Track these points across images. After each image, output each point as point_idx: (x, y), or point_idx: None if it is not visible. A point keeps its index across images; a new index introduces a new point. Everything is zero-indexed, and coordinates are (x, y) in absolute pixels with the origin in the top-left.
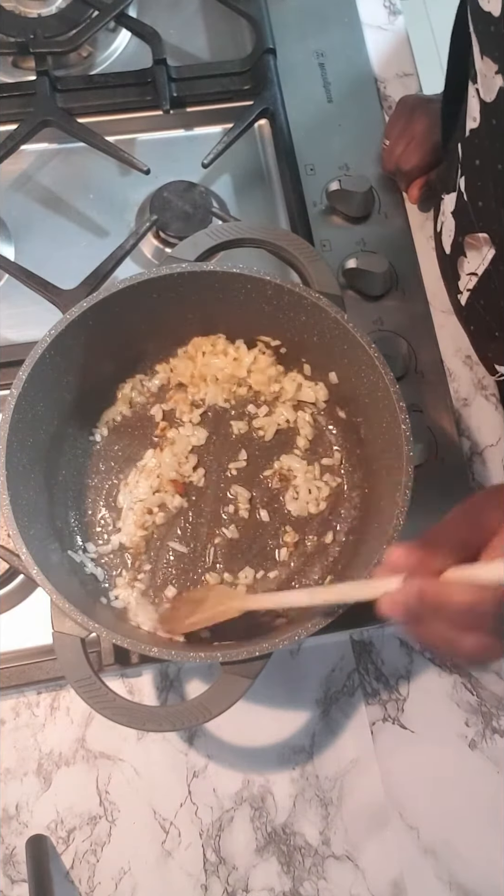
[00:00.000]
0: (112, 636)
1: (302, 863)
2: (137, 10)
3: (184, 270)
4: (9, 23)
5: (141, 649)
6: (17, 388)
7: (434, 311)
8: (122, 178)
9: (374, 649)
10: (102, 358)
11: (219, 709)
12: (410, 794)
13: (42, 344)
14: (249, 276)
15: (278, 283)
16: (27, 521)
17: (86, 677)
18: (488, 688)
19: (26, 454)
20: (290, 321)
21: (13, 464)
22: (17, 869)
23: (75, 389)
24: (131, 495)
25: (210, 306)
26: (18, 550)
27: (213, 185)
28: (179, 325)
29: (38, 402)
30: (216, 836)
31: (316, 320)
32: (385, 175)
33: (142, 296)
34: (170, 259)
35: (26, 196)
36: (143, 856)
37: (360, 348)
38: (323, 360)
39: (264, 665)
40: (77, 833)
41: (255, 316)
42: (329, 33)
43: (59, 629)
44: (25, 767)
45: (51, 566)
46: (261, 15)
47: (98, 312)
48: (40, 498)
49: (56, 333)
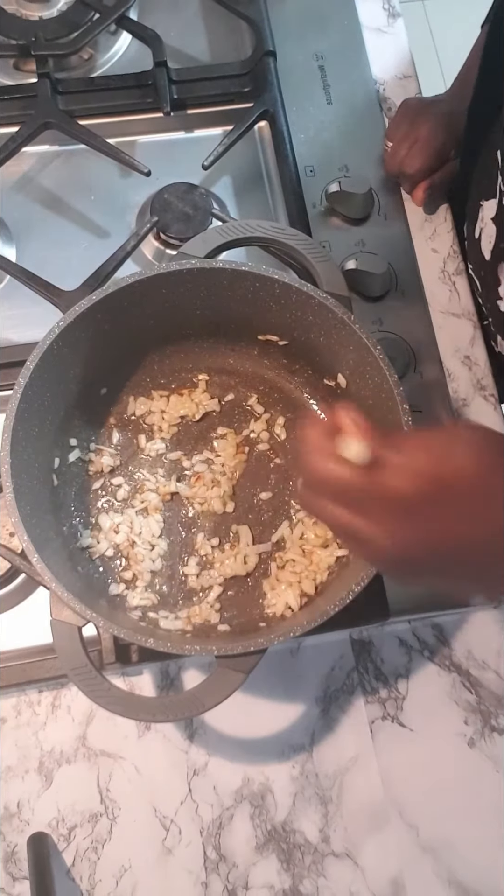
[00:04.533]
0: (108, 626)
1: (301, 860)
2: (138, 12)
3: (193, 266)
4: (10, 25)
5: (137, 640)
6: (24, 377)
7: (433, 311)
8: (122, 179)
9: (374, 648)
10: (111, 350)
11: (213, 701)
12: (410, 792)
13: (51, 335)
14: (258, 275)
15: (286, 282)
16: (30, 510)
17: (82, 666)
18: (487, 686)
19: (31, 444)
20: (297, 320)
21: (17, 453)
22: (18, 866)
23: (82, 382)
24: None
25: (218, 303)
26: (20, 538)
27: (213, 186)
28: (187, 321)
29: (44, 392)
30: (216, 833)
31: (323, 320)
32: (385, 177)
33: (150, 291)
34: (180, 255)
35: (27, 198)
36: (144, 853)
37: (365, 349)
38: (329, 361)
39: (259, 660)
40: (78, 831)
41: (263, 314)
42: (329, 36)
43: (56, 617)
44: (27, 765)
45: (51, 556)
46: (261, 17)
47: (106, 306)
48: (44, 488)
49: (65, 325)
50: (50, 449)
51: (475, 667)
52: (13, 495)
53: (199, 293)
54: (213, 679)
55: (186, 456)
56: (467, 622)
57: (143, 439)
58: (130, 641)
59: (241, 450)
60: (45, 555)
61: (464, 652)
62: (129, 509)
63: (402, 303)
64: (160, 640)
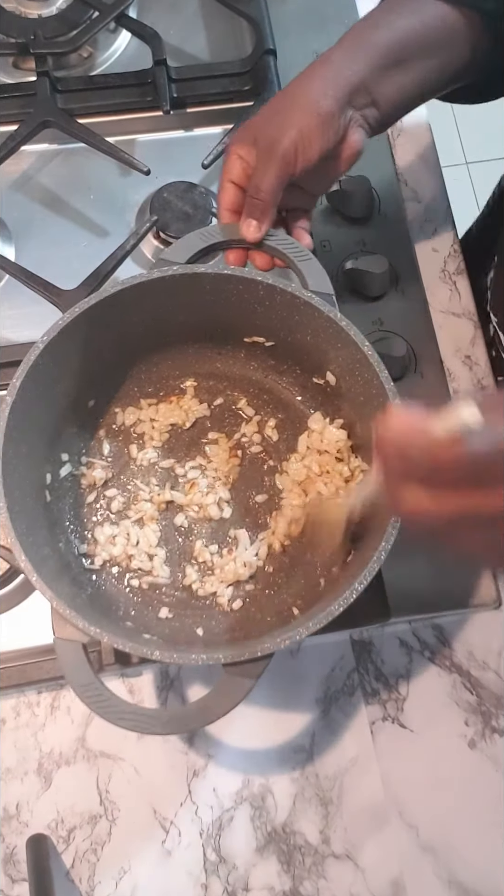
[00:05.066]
0: (114, 640)
1: (302, 862)
2: (137, 10)
3: (175, 273)
4: (9, 23)
5: (143, 653)
6: (10, 395)
7: (433, 311)
8: (122, 178)
9: (374, 649)
10: (97, 362)
11: (222, 710)
12: (410, 793)
13: (35, 350)
14: (241, 277)
15: (270, 283)
16: (25, 529)
17: (89, 683)
18: (488, 687)
19: (22, 462)
20: (283, 321)
21: (9, 472)
22: (17, 868)
23: (69, 395)
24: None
25: (202, 308)
26: (18, 558)
27: (213, 185)
28: (171, 327)
29: (32, 408)
30: (216, 835)
31: (309, 319)
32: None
33: (133, 300)
34: (161, 262)
35: (27, 196)
36: (144, 855)
37: (353, 346)
38: (317, 359)
39: (266, 665)
40: (77, 832)
41: (248, 316)
42: (329, 34)
43: (60, 635)
44: (26, 767)
45: (50, 572)
46: (261, 15)
47: (89, 318)
48: (37, 505)
49: (48, 339)
50: (41, 465)
51: (476, 667)
52: (8, 515)
53: (183, 299)
54: (221, 687)
55: (179, 463)
56: (468, 623)
57: (134, 449)
58: (136, 654)
59: (234, 454)
60: (43, 573)
61: (464, 653)
62: (125, 520)
63: (402, 302)
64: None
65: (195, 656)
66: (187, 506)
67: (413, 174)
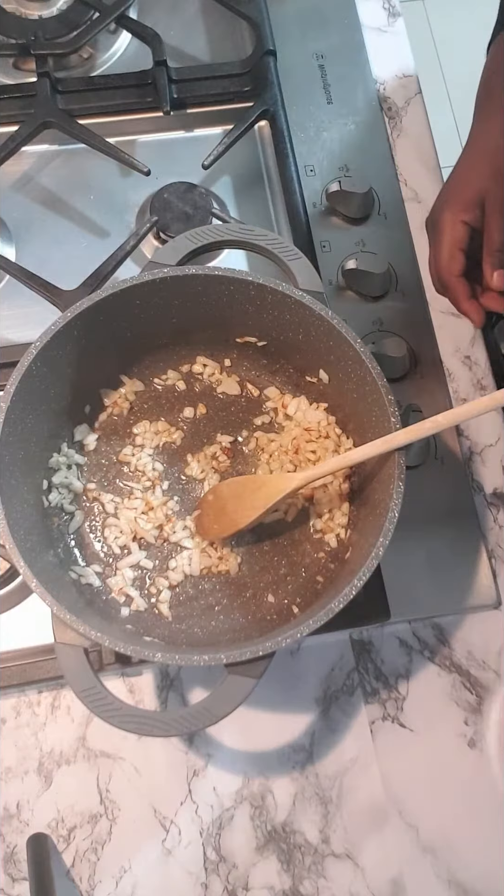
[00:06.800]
0: (115, 644)
1: (302, 861)
2: (138, 11)
3: (165, 276)
4: (9, 24)
5: (145, 656)
6: (5, 401)
7: (433, 311)
8: (122, 179)
9: (374, 648)
10: (90, 366)
11: (225, 710)
12: (410, 792)
13: (28, 357)
14: (232, 278)
15: (261, 283)
16: (23, 535)
17: (90, 687)
18: (488, 687)
19: (18, 468)
20: (275, 320)
21: (6, 478)
22: (17, 867)
23: (63, 399)
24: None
25: (194, 310)
26: (17, 565)
27: (213, 186)
28: (163, 329)
29: (27, 414)
30: (216, 834)
31: (301, 318)
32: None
33: (124, 303)
34: (151, 265)
35: (27, 197)
36: (144, 854)
37: (345, 343)
38: (310, 358)
39: (268, 664)
40: (78, 831)
41: (239, 316)
42: (329, 35)
43: (61, 640)
44: (26, 766)
45: (49, 577)
46: (261, 17)
47: (81, 322)
48: (35, 511)
49: (41, 346)
50: (37, 470)
51: (475, 667)
52: (6, 522)
53: (174, 301)
54: (225, 687)
55: (173, 465)
56: (468, 623)
57: (128, 452)
58: (138, 657)
59: (228, 453)
60: (43, 579)
61: (464, 652)
62: (122, 521)
63: (402, 303)
64: (167, 652)
65: (197, 657)
66: (181, 505)
67: (413, 174)
